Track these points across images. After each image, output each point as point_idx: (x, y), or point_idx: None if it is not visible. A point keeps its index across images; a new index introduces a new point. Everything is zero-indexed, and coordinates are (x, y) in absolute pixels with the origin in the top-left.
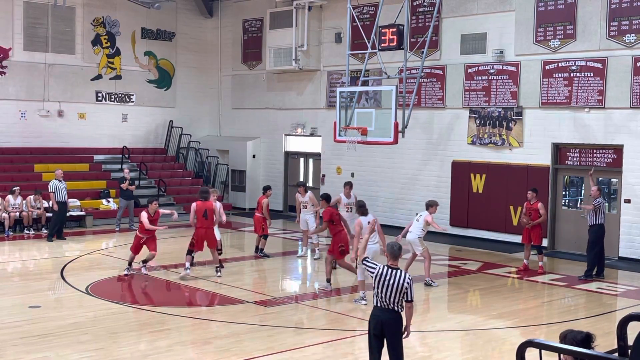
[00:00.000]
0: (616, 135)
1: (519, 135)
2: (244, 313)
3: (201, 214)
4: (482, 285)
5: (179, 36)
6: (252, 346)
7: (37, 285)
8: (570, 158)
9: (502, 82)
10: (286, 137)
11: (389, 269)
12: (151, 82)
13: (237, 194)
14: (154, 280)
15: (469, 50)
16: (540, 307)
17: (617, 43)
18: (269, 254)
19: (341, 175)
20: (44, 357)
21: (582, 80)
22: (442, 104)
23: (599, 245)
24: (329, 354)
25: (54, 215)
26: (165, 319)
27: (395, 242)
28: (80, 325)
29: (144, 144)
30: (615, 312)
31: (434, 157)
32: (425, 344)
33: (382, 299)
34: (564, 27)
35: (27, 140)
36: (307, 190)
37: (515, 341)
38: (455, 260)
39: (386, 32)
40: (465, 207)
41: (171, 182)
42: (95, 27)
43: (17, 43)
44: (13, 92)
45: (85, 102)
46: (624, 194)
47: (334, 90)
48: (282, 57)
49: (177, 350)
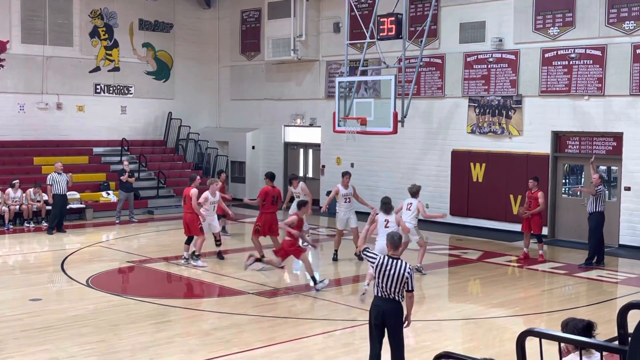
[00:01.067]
0: (616, 122)
1: (519, 124)
2: (244, 304)
3: (182, 200)
4: (483, 274)
5: (177, 27)
6: (253, 337)
7: (37, 278)
8: (570, 146)
9: (501, 70)
10: (285, 127)
11: (390, 259)
12: (150, 74)
13: (237, 185)
14: (154, 272)
15: (468, 38)
16: (540, 295)
17: (616, 30)
18: (271, 245)
19: (341, 165)
20: (44, 350)
21: (581, 68)
22: (441, 93)
23: (599, 233)
24: (330, 344)
25: (53, 208)
26: (166, 311)
27: (396, 232)
28: (81, 318)
29: (143, 136)
30: (616, 300)
31: (433, 147)
32: (425, 333)
33: (383, 288)
34: (563, 14)
35: (26, 133)
36: (299, 182)
37: (516, 330)
38: (455, 249)
39: (385, 22)
40: (465, 196)
41: (171, 174)
42: (93, 19)
43: (14, 36)
44: (11, 85)
45: (83, 94)
46: (624, 182)
47: (333, 80)
48: (280, 47)
49: (177, 342)
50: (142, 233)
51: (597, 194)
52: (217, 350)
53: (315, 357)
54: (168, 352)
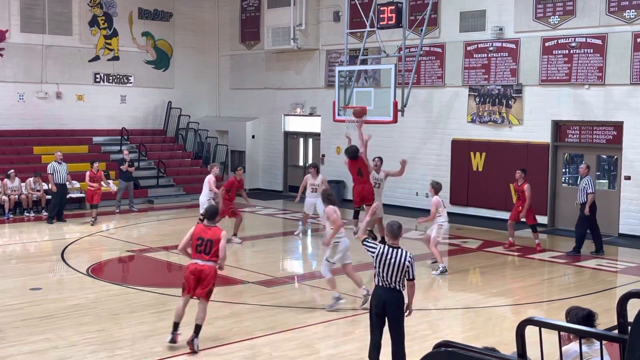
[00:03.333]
0: (616, 111)
1: (519, 113)
2: (244, 293)
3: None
4: (482, 263)
5: (177, 16)
6: (254, 326)
7: (37, 267)
8: (570, 135)
9: (501, 59)
10: (285, 117)
11: (390, 248)
12: (149, 63)
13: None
14: (154, 262)
15: (468, 27)
16: (540, 284)
17: (617, 19)
18: (271, 234)
19: (341, 154)
20: (45, 339)
21: (582, 57)
22: (441, 82)
23: (592, 222)
24: (330, 332)
25: (53, 197)
26: (166, 300)
27: (395, 222)
28: (81, 307)
29: (142, 125)
30: (616, 289)
31: (433, 136)
32: (426, 322)
33: (384, 278)
34: (564, 3)
35: (25, 123)
36: (319, 172)
37: (516, 319)
38: (455, 238)
39: (385, 10)
40: (465, 185)
41: (170, 163)
42: (92, 8)
43: (13, 25)
44: (11, 74)
45: (83, 83)
46: (624, 171)
47: (332, 69)
48: (280, 36)
49: (178, 331)
50: (142, 222)
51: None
52: (217, 339)
53: (316, 345)
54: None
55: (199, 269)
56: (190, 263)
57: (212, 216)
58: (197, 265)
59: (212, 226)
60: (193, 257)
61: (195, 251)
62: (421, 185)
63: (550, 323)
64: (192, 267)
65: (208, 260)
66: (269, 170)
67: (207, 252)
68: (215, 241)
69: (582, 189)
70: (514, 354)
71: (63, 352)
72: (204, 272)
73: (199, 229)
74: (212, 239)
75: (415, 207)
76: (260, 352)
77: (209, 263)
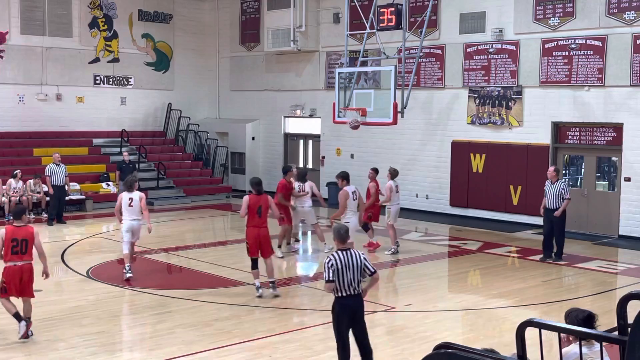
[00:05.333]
0: (616, 113)
1: (519, 115)
2: (244, 295)
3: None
4: (483, 265)
5: (177, 18)
6: (253, 328)
7: (37, 269)
8: (570, 137)
9: (501, 61)
10: (285, 118)
11: (342, 253)
12: (149, 65)
13: (236, 176)
14: (154, 263)
15: (468, 29)
16: (540, 286)
17: (616, 20)
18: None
19: (341, 156)
20: (45, 341)
21: (581, 58)
22: (441, 83)
23: (563, 226)
24: (330, 334)
25: (52, 199)
26: (166, 302)
27: (342, 226)
28: (81, 309)
29: (142, 127)
30: (615, 291)
31: (433, 138)
32: (426, 323)
33: (350, 284)
34: (563, 4)
35: (25, 125)
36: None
37: (516, 320)
38: (455, 240)
39: (385, 12)
40: (465, 187)
41: (171, 165)
42: (92, 9)
43: (14, 27)
44: (11, 76)
45: (83, 85)
46: (624, 172)
47: (332, 71)
48: (280, 38)
49: (178, 333)
50: (142, 224)
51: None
52: (217, 341)
53: (316, 347)
54: (168, 342)
55: (20, 269)
56: (8, 265)
57: (18, 215)
58: (17, 266)
59: (22, 226)
60: (10, 259)
61: (12, 252)
62: (421, 187)
63: (550, 325)
64: (14, 269)
65: (26, 260)
66: (269, 172)
67: (23, 252)
68: (30, 239)
69: (557, 194)
70: (514, 355)
71: (63, 353)
72: (25, 271)
73: (9, 230)
74: (27, 238)
75: (416, 209)
76: (260, 353)
77: (27, 262)
